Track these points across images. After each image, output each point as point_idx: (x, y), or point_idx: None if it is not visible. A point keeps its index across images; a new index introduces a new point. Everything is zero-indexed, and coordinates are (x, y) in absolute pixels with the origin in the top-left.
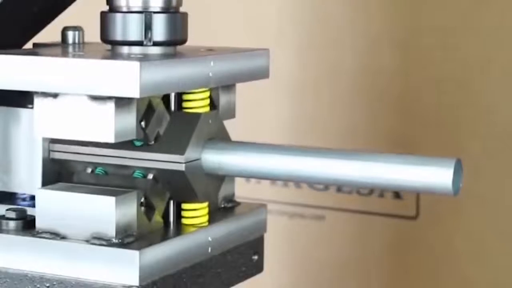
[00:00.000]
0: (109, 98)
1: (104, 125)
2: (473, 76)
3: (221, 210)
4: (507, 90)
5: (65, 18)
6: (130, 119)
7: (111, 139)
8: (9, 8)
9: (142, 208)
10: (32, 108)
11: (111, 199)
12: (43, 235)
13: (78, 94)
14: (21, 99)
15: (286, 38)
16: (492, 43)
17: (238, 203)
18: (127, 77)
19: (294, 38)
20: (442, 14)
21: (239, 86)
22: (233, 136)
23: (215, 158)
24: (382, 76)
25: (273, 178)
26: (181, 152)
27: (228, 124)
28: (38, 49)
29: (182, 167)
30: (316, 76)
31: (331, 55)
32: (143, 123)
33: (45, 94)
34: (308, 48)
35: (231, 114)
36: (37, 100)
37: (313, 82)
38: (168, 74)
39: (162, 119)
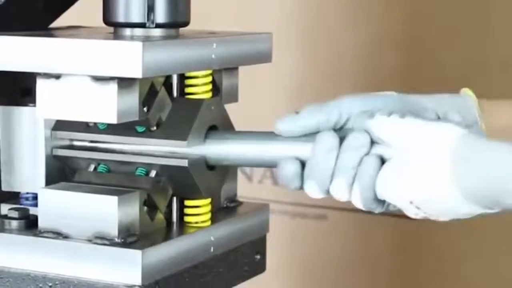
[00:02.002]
0: (112, 78)
1: (107, 106)
2: (474, 75)
3: (224, 209)
4: (509, 90)
5: (67, 19)
6: (132, 100)
7: (114, 120)
8: (14, 5)
9: (145, 207)
10: (34, 106)
11: (114, 199)
12: (46, 234)
13: (81, 75)
14: (23, 97)
15: (287, 37)
16: (493, 43)
17: (241, 203)
18: (129, 58)
19: (295, 37)
20: (443, 14)
21: (240, 87)
22: None
23: (218, 149)
24: (383, 75)
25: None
26: (184, 138)
27: None
28: (41, 32)
29: (185, 163)
30: (317, 75)
31: (332, 54)
32: (145, 109)
33: (47, 75)
34: (309, 48)
35: (233, 98)
36: (39, 82)
37: (314, 81)
38: (171, 55)
39: (164, 104)
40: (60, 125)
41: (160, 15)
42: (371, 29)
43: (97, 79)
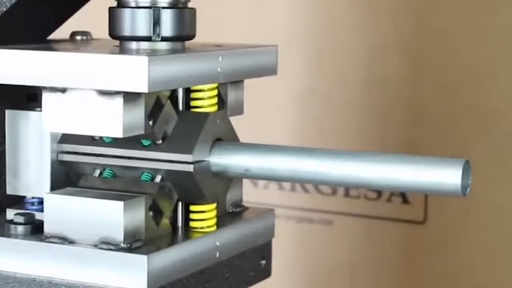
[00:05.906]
0: (118, 93)
1: (113, 120)
2: (481, 80)
3: (229, 214)
4: None
5: (72, 22)
6: (138, 114)
7: (119, 134)
8: (19, 10)
9: (150, 212)
10: (40, 110)
11: (119, 204)
12: (51, 239)
13: (86, 89)
14: (29, 102)
15: (296, 43)
16: (500, 47)
17: (246, 208)
18: (135, 72)
19: (303, 44)
20: (450, 20)
21: (247, 92)
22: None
23: (222, 160)
24: (391, 81)
25: (279, 179)
26: (189, 151)
27: (236, 129)
28: (47, 44)
29: (190, 168)
30: (325, 81)
31: (340, 60)
32: (150, 122)
33: (53, 89)
34: (317, 54)
35: (239, 110)
36: (45, 95)
37: (322, 87)
38: (177, 69)
39: (170, 118)
40: (66, 138)
41: (166, 29)
42: (378, 35)
43: (103, 93)
